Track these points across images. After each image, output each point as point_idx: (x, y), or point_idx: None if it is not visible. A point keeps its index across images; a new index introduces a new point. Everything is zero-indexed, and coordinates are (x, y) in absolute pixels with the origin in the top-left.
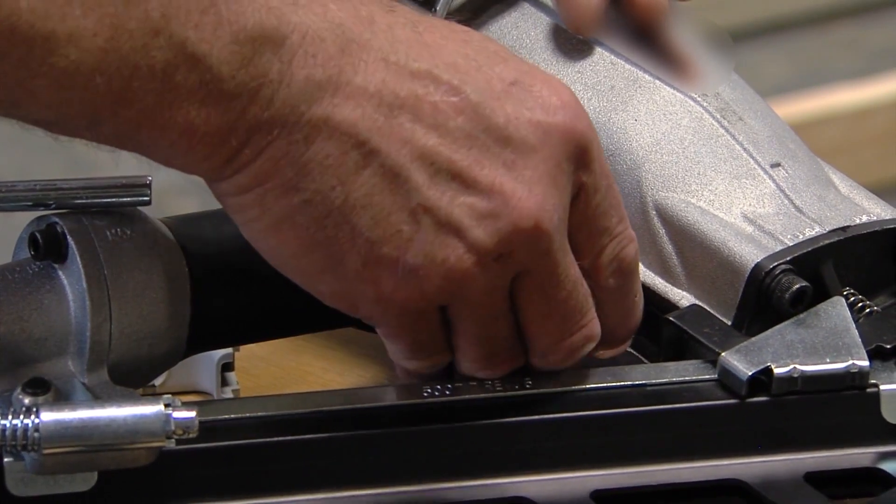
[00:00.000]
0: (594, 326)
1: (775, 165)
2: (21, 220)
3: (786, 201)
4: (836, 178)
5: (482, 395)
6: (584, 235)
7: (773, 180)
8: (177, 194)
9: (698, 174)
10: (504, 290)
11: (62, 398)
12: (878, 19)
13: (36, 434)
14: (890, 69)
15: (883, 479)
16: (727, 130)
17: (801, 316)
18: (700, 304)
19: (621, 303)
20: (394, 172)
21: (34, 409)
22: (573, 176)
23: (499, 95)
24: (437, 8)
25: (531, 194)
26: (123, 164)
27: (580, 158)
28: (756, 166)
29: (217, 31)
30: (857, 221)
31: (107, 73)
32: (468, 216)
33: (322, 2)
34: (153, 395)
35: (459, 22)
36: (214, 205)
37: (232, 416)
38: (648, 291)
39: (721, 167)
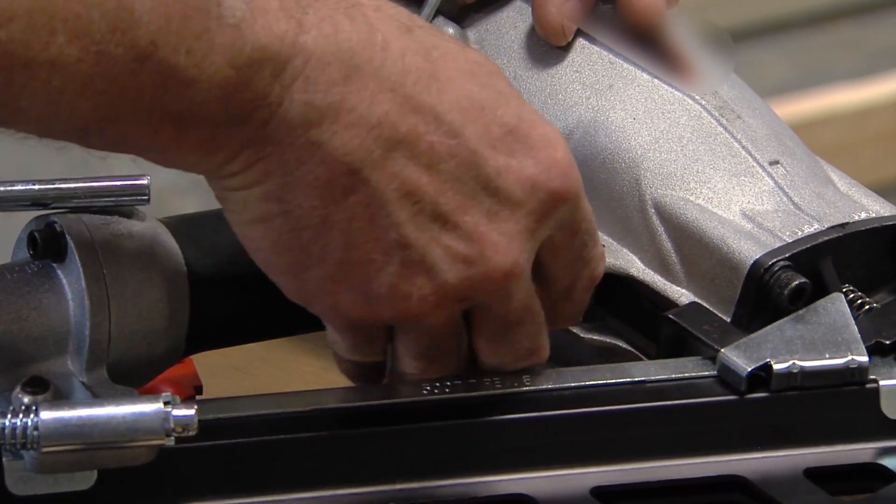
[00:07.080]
0: (543, 350)
1: (774, 163)
2: (21, 221)
3: (784, 198)
4: (835, 175)
5: (481, 393)
6: (561, 265)
7: (772, 178)
8: (177, 194)
9: (697, 172)
10: (456, 318)
11: (61, 397)
12: (878, 19)
13: (35, 432)
14: (890, 69)
15: (882, 475)
16: (725, 128)
17: (801, 312)
18: (699, 301)
19: (579, 305)
20: (378, 205)
21: (33, 408)
22: (552, 228)
23: (495, 143)
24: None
25: (509, 247)
26: (122, 164)
27: (563, 213)
28: (754, 164)
29: (210, 57)
30: (856, 218)
31: (92, 96)
32: (443, 258)
33: (334, 21)
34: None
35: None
36: (214, 205)
37: (231, 414)
38: (647, 289)
39: (719, 165)
